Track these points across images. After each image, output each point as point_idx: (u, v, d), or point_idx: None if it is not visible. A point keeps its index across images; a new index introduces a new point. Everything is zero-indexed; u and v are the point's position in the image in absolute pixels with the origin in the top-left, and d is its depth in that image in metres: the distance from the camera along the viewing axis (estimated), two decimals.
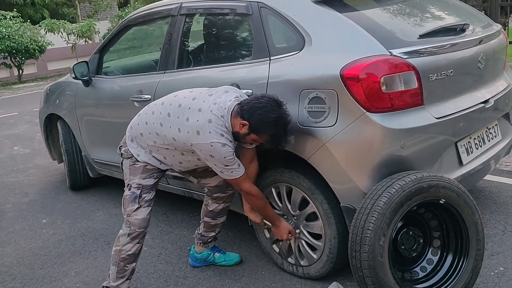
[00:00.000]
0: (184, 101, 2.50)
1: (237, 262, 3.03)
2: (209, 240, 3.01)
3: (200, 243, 3.02)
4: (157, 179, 2.72)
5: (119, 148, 2.77)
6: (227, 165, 2.43)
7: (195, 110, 2.42)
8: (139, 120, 2.67)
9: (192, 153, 2.52)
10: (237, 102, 2.44)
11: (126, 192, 2.68)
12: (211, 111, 2.39)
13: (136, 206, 2.63)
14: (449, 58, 2.52)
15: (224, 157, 2.40)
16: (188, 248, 3.15)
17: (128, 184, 2.68)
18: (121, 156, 2.74)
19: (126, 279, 2.69)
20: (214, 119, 2.37)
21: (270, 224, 2.74)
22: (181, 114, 2.45)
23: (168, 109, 2.52)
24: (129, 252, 2.64)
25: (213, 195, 2.86)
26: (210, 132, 2.36)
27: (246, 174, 2.55)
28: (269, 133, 2.40)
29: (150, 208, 2.68)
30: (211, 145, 2.37)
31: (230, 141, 2.41)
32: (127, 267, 2.66)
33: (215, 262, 3.04)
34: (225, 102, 2.43)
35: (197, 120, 2.39)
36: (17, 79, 16.15)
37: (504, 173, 3.96)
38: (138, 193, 2.64)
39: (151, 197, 2.69)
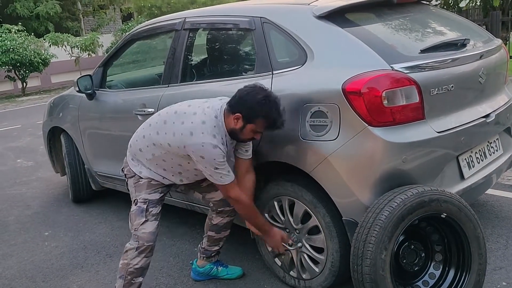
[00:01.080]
0: (179, 108, 2.58)
1: (239, 276, 3.03)
2: (212, 254, 3.01)
3: (204, 257, 3.02)
4: (162, 194, 2.74)
5: (122, 170, 2.82)
6: (217, 168, 2.45)
7: (190, 114, 2.48)
8: (137, 137, 2.72)
9: (188, 162, 2.54)
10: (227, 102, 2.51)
11: (133, 207, 2.69)
12: (205, 113, 2.46)
13: (143, 219, 2.64)
14: (450, 72, 2.54)
15: (214, 159, 2.42)
16: (191, 262, 3.15)
17: (135, 200, 2.70)
18: (125, 177, 2.79)
19: None
20: (207, 120, 2.43)
21: (262, 235, 2.75)
22: (176, 119, 2.51)
23: (164, 117, 2.58)
24: (137, 266, 2.64)
25: (218, 209, 2.87)
26: (202, 133, 2.41)
27: (238, 183, 2.58)
28: (263, 116, 2.42)
29: (158, 222, 2.69)
30: (203, 146, 2.40)
31: (222, 144, 2.44)
32: (133, 280, 2.65)
33: (217, 276, 3.03)
34: (218, 104, 2.51)
35: (192, 122, 2.45)
36: (21, 92, 16.23)
37: (506, 188, 3.96)
38: (145, 207, 2.65)
39: (158, 212, 2.70)
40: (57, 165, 5.00)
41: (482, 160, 2.79)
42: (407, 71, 2.36)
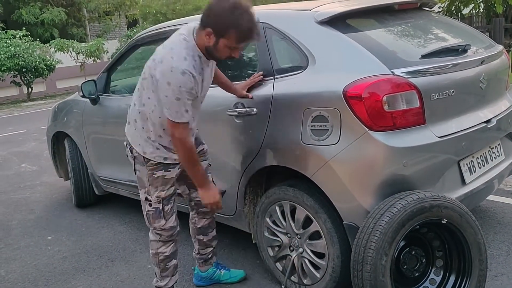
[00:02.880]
0: (153, 56, 2.43)
1: (242, 279, 3.04)
2: (209, 256, 3.02)
3: (202, 262, 3.03)
4: (174, 188, 2.68)
5: (130, 150, 2.64)
6: (178, 99, 2.27)
7: (159, 49, 2.40)
8: (129, 111, 2.65)
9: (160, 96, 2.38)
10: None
11: (148, 207, 2.64)
12: (173, 41, 2.37)
13: (163, 221, 2.65)
14: (451, 78, 2.55)
15: (179, 87, 2.26)
16: (193, 268, 3.15)
17: (147, 198, 2.63)
18: (134, 159, 2.63)
19: (172, 276, 2.78)
20: (176, 44, 2.33)
21: (199, 188, 2.61)
22: (153, 64, 2.37)
23: (143, 75, 2.49)
24: (166, 254, 2.72)
25: (200, 209, 2.88)
26: (172, 57, 2.29)
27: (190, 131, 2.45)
28: (233, 27, 2.22)
29: (175, 213, 2.70)
30: (171, 70, 2.26)
31: (194, 68, 2.29)
32: (168, 265, 2.74)
33: (220, 280, 3.04)
34: (190, 26, 2.39)
35: (161, 54, 2.35)
36: (26, 97, 16.33)
37: (508, 194, 3.95)
38: (161, 207, 2.63)
39: (173, 204, 2.69)
40: (60, 169, 5.03)
41: (484, 166, 2.79)
42: (408, 76, 2.37)
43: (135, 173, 2.68)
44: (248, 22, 2.24)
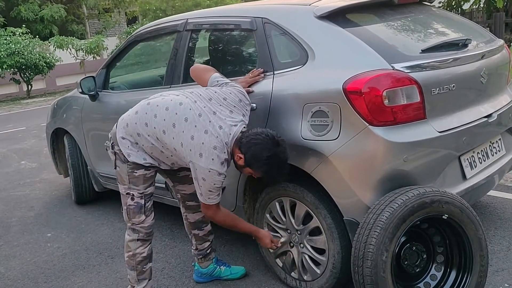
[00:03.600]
0: (190, 115, 2.44)
1: (242, 275, 3.03)
2: (207, 252, 3.01)
3: (201, 257, 3.02)
4: (154, 185, 2.74)
5: (111, 145, 2.70)
6: (211, 191, 2.46)
7: (200, 131, 2.40)
8: (137, 119, 2.58)
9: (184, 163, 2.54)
10: (242, 128, 2.46)
11: (129, 201, 2.66)
12: (217, 137, 2.40)
13: (143, 217, 2.67)
14: (451, 72, 2.53)
15: (214, 184, 2.43)
16: (193, 263, 3.15)
17: (128, 193, 2.66)
18: (115, 155, 2.68)
19: (149, 280, 2.77)
20: (219, 146, 2.39)
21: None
22: (187, 129, 2.43)
23: (173, 119, 2.46)
24: (144, 255, 2.72)
25: (186, 202, 2.88)
26: (213, 159, 2.38)
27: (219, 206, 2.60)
28: (262, 170, 2.44)
29: (153, 213, 2.73)
30: (209, 171, 2.39)
31: (226, 171, 2.45)
32: (145, 268, 2.74)
33: (220, 276, 3.03)
34: (230, 127, 2.44)
35: (202, 143, 2.39)
36: (26, 95, 16.32)
37: (509, 189, 3.94)
38: (142, 202, 2.66)
39: (152, 203, 2.73)
40: (60, 166, 5.02)
41: (485, 161, 2.78)
42: (408, 71, 2.35)
43: (115, 168, 2.71)
44: (276, 172, 2.44)
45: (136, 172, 2.62)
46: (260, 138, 2.38)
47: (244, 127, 2.48)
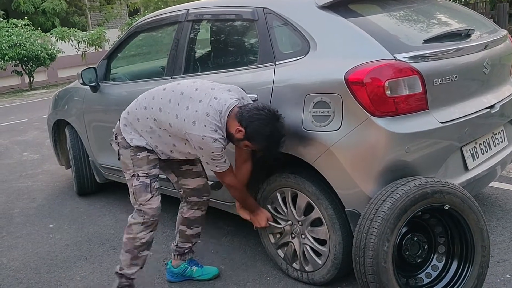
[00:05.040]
0: (186, 90, 2.52)
1: (214, 276, 2.97)
2: (185, 251, 2.97)
3: (177, 255, 2.97)
4: (159, 169, 2.73)
5: (114, 136, 2.75)
6: (213, 159, 2.47)
7: (195, 101, 2.45)
8: (137, 105, 2.66)
9: (185, 143, 2.54)
10: (238, 104, 2.46)
11: (135, 182, 2.66)
12: (210, 105, 2.42)
13: (149, 195, 2.65)
14: (454, 63, 2.52)
15: (212, 152, 2.43)
16: (165, 262, 3.11)
17: (134, 174, 2.66)
18: (118, 145, 2.72)
19: (140, 267, 2.76)
20: (212, 113, 2.40)
21: (250, 215, 2.82)
22: (182, 101, 2.48)
23: (170, 96, 2.53)
24: (143, 240, 2.69)
25: (188, 198, 2.86)
26: (205, 126, 2.38)
27: (233, 170, 2.63)
28: (262, 144, 2.46)
29: (160, 196, 2.71)
30: (203, 138, 2.39)
31: (222, 137, 2.43)
32: (140, 254, 2.71)
33: (192, 277, 2.97)
34: (226, 99, 2.45)
35: (196, 111, 2.42)
36: (28, 87, 16.30)
37: (511, 180, 3.94)
38: (148, 182, 2.65)
39: (159, 186, 2.71)
40: (62, 158, 5.02)
41: (487, 152, 2.77)
42: (410, 61, 2.34)
43: (119, 159, 2.73)
44: (275, 147, 2.48)
45: (139, 155, 2.64)
46: (263, 113, 2.39)
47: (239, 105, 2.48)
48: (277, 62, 2.68)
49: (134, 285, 2.78)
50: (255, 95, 2.69)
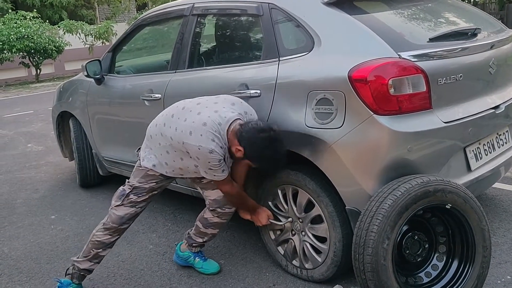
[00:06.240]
0: (188, 105, 2.59)
1: (213, 273, 2.96)
2: (194, 244, 2.99)
3: (186, 243, 3.02)
4: (156, 184, 2.76)
5: (138, 149, 2.86)
6: (210, 169, 2.49)
7: (194, 113, 2.49)
8: (152, 123, 2.76)
9: (191, 157, 2.54)
10: (240, 120, 2.48)
11: (121, 187, 2.79)
12: (209, 116, 2.45)
13: (119, 203, 2.74)
14: (459, 62, 2.50)
15: (209, 162, 2.45)
16: (176, 243, 3.16)
17: (127, 182, 2.78)
18: (137, 156, 2.84)
19: (89, 261, 2.81)
20: (209, 123, 2.42)
21: (250, 216, 2.84)
22: (182, 115, 2.53)
23: (174, 111, 2.61)
24: (98, 239, 2.77)
25: (211, 208, 2.86)
26: (201, 135, 2.41)
27: (232, 173, 2.66)
28: (261, 165, 2.53)
29: (134, 209, 2.75)
30: (199, 148, 2.42)
31: (221, 147, 2.44)
32: (92, 251, 2.78)
33: (194, 265, 3.01)
34: (226, 113, 2.47)
35: (193, 122, 2.45)
36: (35, 79, 16.34)
37: None
38: (127, 192, 2.73)
39: (139, 200, 2.74)
40: (65, 149, 5.03)
41: (490, 152, 2.75)
42: (415, 60, 2.32)
43: None
44: (273, 167, 2.58)
45: (141, 167, 2.75)
46: (262, 136, 2.40)
47: (241, 122, 2.50)
48: (281, 58, 2.67)
49: (81, 277, 2.84)
50: (258, 91, 2.68)
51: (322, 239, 2.65)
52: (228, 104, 2.54)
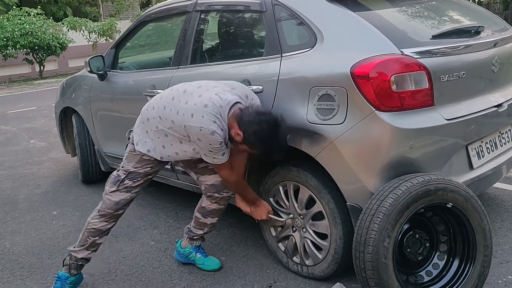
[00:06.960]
0: (189, 87, 2.57)
1: (214, 269, 2.96)
2: (195, 237, 2.98)
3: (187, 237, 3.02)
4: (151, 169, 2.74)
5: (129, 131, 2.82)
6: (211, 151, 2.47)
7: (195, 96, 2.47)
8: (148, 106, 2.72)
9: (189, 141, 2.54)
10: (240, 104, 2.47)
11: (114, 172, 2.77)
12: (210, 98, 2.42)
13: (114, 188, 2.72)
14: (462, 59, 2.49)
15: (210, 144, 2.42)
16: (176, 240, 3.16)
17: (121, 167, 2.76)
18: (128, 139, 2.80)
19: (86, 250, 2.79)
20: (210, 105, 2.40)
21: (250, 209, 2.82)
22: (183, 98, 2.51)
23: (174, 94, 2.58)
24: (94, 227, 2.76)
25: (208, 193, 2.86)
26: (203, 117, 2.38)
27: (232, 161, 2.60)
28: (260, 150, 2.47)
29: (129, 194, 2.73)
30: (200, 130, 2.39)
31: (221, 129, 2.41)
32: (89, 239, 2.77)
33: (195, 262, 3.00)
34: (227, 96, 2.46)
35: (194, 104, 2.43)
36: (38, 75, 16.39)
37: None
38: (122, 178, 2.71)
39: (135, 185, 2.73)
40: (68, 145, 5.04)
41: (493, 151, 2.74)
42: (418, 56, 2.31)
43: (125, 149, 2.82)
44: (274, 151, 2.46)
45: (135, 152, 2.72)
46: (263, 119, 2.38)
47: (242, 106, 2.48)
48: (283, 54, 2.66)
49: (79, 267, 2.83)
50: (261, 87, 2.68)
51: (323, 236, 2.65)
52: (229, 88, 2.53)
